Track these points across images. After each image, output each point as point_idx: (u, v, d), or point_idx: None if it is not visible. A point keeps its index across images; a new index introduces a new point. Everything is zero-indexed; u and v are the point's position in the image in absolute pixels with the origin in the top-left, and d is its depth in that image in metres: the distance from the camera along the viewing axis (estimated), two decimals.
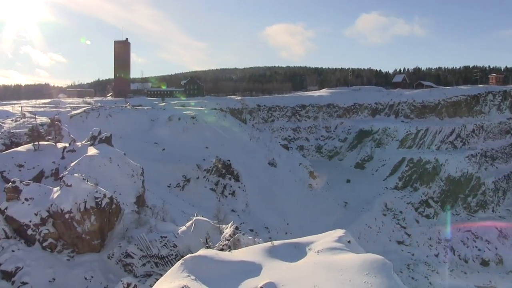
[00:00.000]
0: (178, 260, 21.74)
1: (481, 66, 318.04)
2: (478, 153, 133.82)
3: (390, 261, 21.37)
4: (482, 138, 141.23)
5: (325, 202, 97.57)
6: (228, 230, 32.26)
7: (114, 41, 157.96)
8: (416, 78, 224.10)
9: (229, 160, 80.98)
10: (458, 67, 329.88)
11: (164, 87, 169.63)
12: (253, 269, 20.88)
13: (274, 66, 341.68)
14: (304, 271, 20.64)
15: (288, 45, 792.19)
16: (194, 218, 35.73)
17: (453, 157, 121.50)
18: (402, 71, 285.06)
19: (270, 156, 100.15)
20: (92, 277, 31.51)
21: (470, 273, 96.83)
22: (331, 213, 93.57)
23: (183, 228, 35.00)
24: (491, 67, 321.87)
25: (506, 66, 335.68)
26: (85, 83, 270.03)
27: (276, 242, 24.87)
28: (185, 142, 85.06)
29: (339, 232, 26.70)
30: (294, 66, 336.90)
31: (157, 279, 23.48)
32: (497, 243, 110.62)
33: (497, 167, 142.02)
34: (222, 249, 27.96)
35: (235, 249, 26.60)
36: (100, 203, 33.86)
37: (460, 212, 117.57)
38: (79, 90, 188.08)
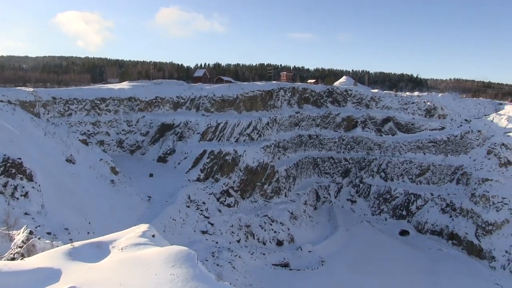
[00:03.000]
0: None
1: (274, 64, 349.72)
2: (272, 144, 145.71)
3: (195, 251, 21.82)
4: (275, 130, 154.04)
5: (128, 198, 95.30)
6: (20, 236, 29.10)
7: None
8: (216, 73, 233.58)
9: (20, 158, 73.21)
10: (254, 64, 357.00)
11: None
12: (51, 275, 19.22)
13: (71, 56, 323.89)
14: (108, 270, 19.88)
15: (83, 33, 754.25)
16: None
17: (250, 148, 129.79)
18: (203, 66, 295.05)
19: (68, 152, 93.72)
20: None
21: (268, 253, 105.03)
22: (134, 209, 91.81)
23: None
24: (283, 65, 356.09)
25: (294, 66, 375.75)
26: None
27: (76, 243, 23.38)
28: None
29: (143, 227, 26.43)
30: (93, 57, 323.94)
31: None
32: (289, 224, 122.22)
33: (288, 156, 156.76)
34: (13, 258, 25.13)
35: (29, 256, 24.15)
36: None
37: (258, 199, 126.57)
38: None
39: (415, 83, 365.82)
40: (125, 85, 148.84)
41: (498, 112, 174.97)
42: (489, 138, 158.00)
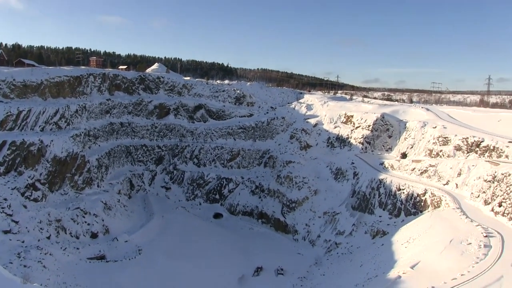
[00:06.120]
0: None
1: (83, 48, 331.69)
2: (82, 132, 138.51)
3: None
4: (85, 118, 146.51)
5: None
6: None
7: None
8: (16, 55, 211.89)
9: None
10: (61, 47, 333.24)
11: None
12: None
13: None
14: None
15: None
16: None
17: (58, 138, 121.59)
18: None
19: None
20: None
21: (82, 247, 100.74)
22: None
23: None
24: (92, 50, 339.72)
25: (105, 51, 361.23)
26: None
27: None
28: None
29: None
30: None
31: None
32: (103, 215, 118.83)
33: (99, 145, 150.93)
34: None
35: None
36: None
37: (69, 191, 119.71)
38: None
39: (226, 72, 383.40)
40: None
41: (299, 101, 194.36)
42: (291, 124, 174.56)
